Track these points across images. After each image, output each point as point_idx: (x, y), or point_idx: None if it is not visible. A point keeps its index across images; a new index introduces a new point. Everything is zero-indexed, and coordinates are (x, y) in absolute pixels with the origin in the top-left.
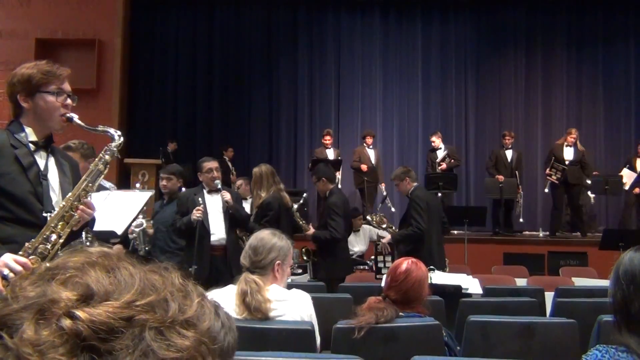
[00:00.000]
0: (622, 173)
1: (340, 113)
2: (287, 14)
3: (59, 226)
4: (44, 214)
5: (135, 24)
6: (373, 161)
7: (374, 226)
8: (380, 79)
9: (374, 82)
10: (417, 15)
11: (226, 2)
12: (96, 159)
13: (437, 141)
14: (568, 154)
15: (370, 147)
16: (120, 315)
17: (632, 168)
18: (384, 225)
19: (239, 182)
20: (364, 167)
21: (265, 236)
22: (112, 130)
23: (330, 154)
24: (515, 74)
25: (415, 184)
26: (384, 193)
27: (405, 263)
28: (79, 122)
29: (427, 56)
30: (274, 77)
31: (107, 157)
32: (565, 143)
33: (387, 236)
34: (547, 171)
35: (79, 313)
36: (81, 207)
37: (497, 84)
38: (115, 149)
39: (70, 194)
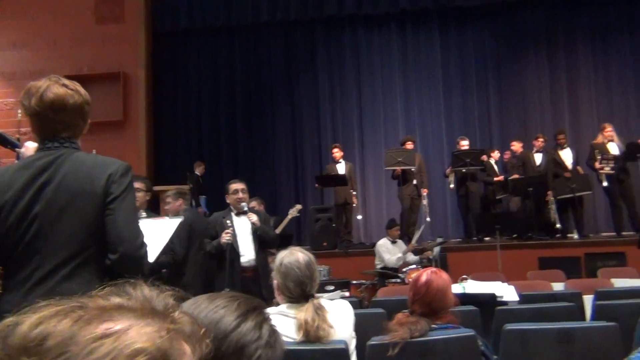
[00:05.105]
0: None
1: (363, 128)
2: (305, 34)
3: None
4: None
5: (157, 55)
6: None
7: None
8: (401, 91)
9: (395, 94)
10: (434, 25)
11: (245, 27)
12: None
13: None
14: (613, 150)
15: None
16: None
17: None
18: None
19: (253, 203)
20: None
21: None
22: None
23: (341, 168)
24: (539, 75)
25: (185, 206)
26: (424, 201)
27: (424, 274)
28: None
29: (446, 65)
30: (295, 97)
31: None
32: (605, 140)
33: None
34: (598, 165)
35: None
36: None
37: (519, 87)
38: None
39: None
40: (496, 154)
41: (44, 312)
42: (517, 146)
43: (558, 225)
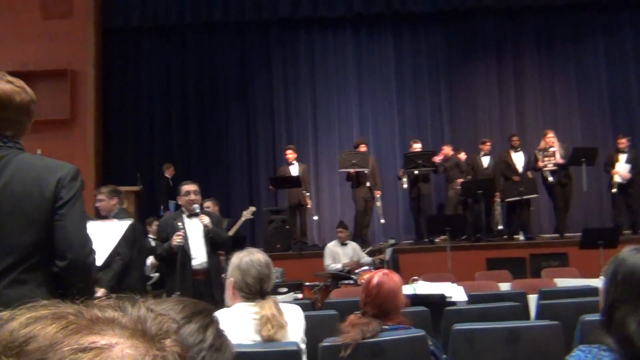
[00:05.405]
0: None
1: (317, 129)
2: (260, 35)
3: None
4: None
5: (107, 53)
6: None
7: None
8: (355, 94)
9: (349, 97)
10: (388, 29)
11: (198, 26)
12: None
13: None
14: (556, 155)
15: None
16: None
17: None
18: None
19: (207, 203)
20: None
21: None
22: None
23: (294, 169)
24: (488, 80)
25: (119, 206)
26: (378, 203)
27: (376, 276)
28: None
29: (399, 68)
30: (249, 98)
31: None
32: (547, 146)
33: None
34: (540, 163)
35: None
36: None
37: (469, 92)
38: None
39: None
40: (462, 155)
41: (37, 313)
42: (447, 150)
43: (500, 227)
